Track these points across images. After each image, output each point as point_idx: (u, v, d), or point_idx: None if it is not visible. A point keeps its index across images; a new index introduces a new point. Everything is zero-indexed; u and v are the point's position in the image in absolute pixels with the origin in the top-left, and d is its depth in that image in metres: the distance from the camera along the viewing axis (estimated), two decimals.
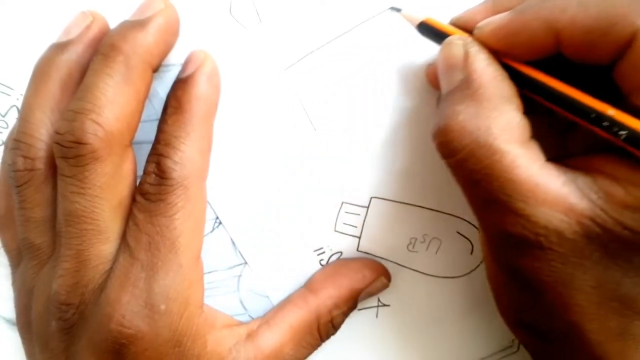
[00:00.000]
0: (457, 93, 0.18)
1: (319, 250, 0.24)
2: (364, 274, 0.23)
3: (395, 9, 0.22)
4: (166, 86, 0.21)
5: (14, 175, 0.20)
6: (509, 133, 0.17)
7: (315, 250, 0.24)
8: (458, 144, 0.18)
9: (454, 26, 0.20)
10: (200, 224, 0.20)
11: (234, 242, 0.24)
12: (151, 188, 0.19)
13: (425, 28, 0.21)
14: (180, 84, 0.20)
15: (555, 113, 0.18)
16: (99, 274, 0.19)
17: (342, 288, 0.23)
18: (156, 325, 0.19)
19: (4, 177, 0.22)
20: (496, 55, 0.19)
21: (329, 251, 0.24)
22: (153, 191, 0.19)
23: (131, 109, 0.19)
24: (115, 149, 0.19)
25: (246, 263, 0.24)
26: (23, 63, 0.22)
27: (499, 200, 0.17)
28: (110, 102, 0.19)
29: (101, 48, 0.20)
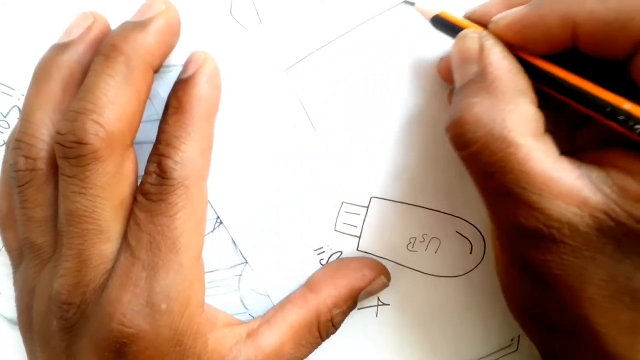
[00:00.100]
0: (472, 85, 0.18)
1: (319, 250, 0.24)
2: (363, 273, 0.23)
3: (409, 2, 0.22)
4: (167, 86, 0.21)
5: (16, 175, 0.20)
6: (524, 126, 0.17)
7: (315, 250, 0.24)
8: (472, 136, 0.18)
9: (469, 20, 0.20)
10: (201, 223, 0.20)
11: (234, 242, 0.24)
12: (152, 188, 0.19)
13: (439, 21, 0.21)
14: (181, 85, 0.20)
15: (564, 108, 0.18)
16: (100, 274, 0.19)
17: (342, 287, 0.23)
18: (157, 324, 0.19)
19: (6, 177, 0.22)
20: (511, 48, 0.19)
21: (329, 251, 0.24)
22: (154, 191, 0.19)
23: (132, 109, 0.19)
24: (117, 149, 0.19)
25: (247, 262, 0.24)
26: (24, 63, 0.22)
27: (513, 192, 0.17)
28: (112, 103, 0.19)
29: (102, 49, 0.20)
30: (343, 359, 0.25)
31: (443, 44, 0.22)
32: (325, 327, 0.23)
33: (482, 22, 0.20)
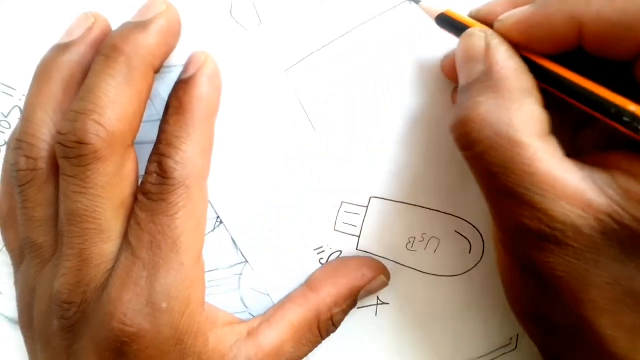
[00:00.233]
0: (478, 85, 0.18)
1: (318, 250, 0.24)
2: (363, 272, 0.23)
3: (414, 0, 0.22)
4: (168, 87, 0.21)
5: (17, 175, 0.20)
6: (530, 126, 0.17)
7: (315, 250, 0.24)
8: (478, 135, 0.17)
9: (474, 19, 0.20)
10: (202, 223, 0.20)
11: (234, 241, 0.24)
12: (153, 188, 0.19)
13: (444, 20, 0.20)
14: (182, 85, 0.20)
15: (568, 109, 0.18)
16: (101, 273, 0.19)
17: (342, 286, 0.23)
18: (158, 323, 0.19)
19: (7, 177, 0.22)
20: (516, 48, 0.19)
21: (328, 250, 0.24)
22: (155, 191, 0.19)
23: (133, 109, 0.19)
24: (117, 149, 0.19)
25: (247, 262, 0.24)
26: (25, 64, 0.22)
27: (517, 193, 0.17)
28: (112, 103, 0.19)
29: (103, 49, 0.20)
30: (343, 358, 0.25)
31: (443, 44, 0.22)
32: (325, 326, 0.23)
33: (488, 22, 0.20)
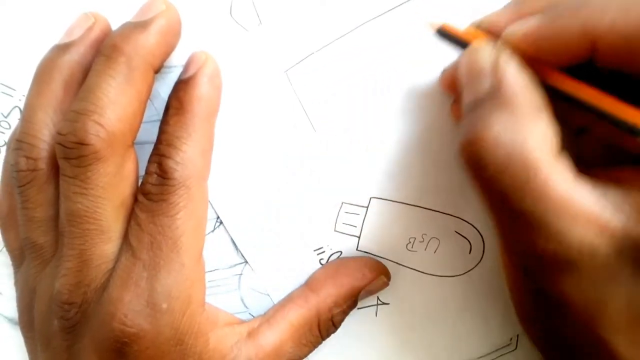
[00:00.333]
0: (487, 102, 0.17)
1: (318, 250, 0.24)
2: (364, 272, 0.23)
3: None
4: (168, 87, 0.21)
5: (17, 175, 0.20)
6: (544, 145, 0.16)
7: (315, 250, 0.24)
8: (490, 157, 0.16)
9: (477, 30, 0.19)
10: (202, 223, 0.20)
11: (234, 242, 0.24)
12: (153, 188, 0.19)
13: (444, 34, 0.20)
14: (182, 85, 0.20)
15: (569, 111, 0.18)
16: (101, 273, 0.19)
17: (343, 286, 0.23)
18: (158, 323, 0.19)
19: (7, 178, 0.22)
20: (526, 60, 0.18)
21: (328, 251, 0.24)
22: (155, 191, 0.19)
23: (133, 109, 0.19)
24: (118, 150, 0.19)
25: (247, 262, 0.24)
26: (25, 64, 0.22)
27: (532, 216, 0.16)
28: (112, 103, 0.19)
29: (103, 49, 0.20)
30: (343, 358, 0.25)
31: (443, 44, 0.22)
32: (325, 326, 0.23)
33: (492, 33, 0.19)
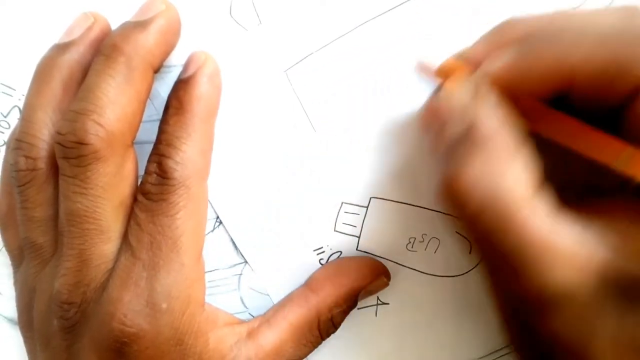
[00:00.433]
0: (463, 145, 0.17)
1: (318, 250, 0.24)
2: (364, 272, 0.23)
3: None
4: (167, 87, 0.21)
5: (16, 175, 0.20)
6: (522, 185, 0.16)
7: (315, 250, 0.24)
8: (468, 200, 0.16)
9: (457, 61, 0.19)
10: (202, 223, 0.20)
11: (234, 242, 0.24)
12: (153, 188, 0.19)
13: (422, 69, 0.20)
14: (182, 85, 0.20)
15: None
16: (100, 273, 0.19)
17: (342, 287, 0.23)
18: (158, 323, 0.19)
19: (6, 177, 0.22)
20: (503, 94, 0.17)
21: (328, 251, 0.24)
22: (155, 191, 0.19)
23: (132, 109, 0.19)
24: (117, 149, 0.19)
25: (246, 262, 0.24)
26: (25, 64, 0.22)
27: (513, 258, 0.16)
28: (112, 103, 0.19)
29: (103, 49, 0.20)
30: (343, 358, 0.25)
31: (443, 44, 0.22)
32: (325, 327, 0.23)
33: (470, 66, 0.19)
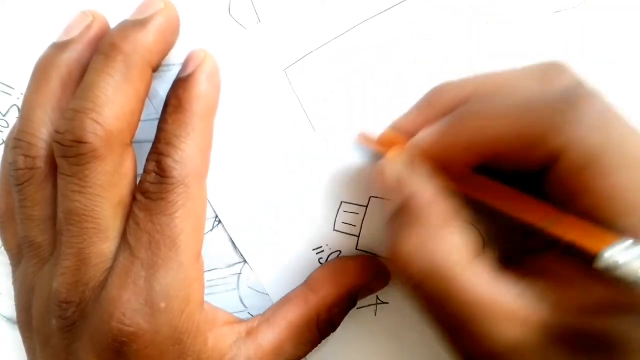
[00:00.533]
0: (399, 218, 0.18)
1: (318, 249, 0.24)
2: (363, 272, 0.23)
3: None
4: (166, 86, 0.21)
5: (15, 174, 0.20)
6: (457, 254, 0.17)
7: (314, 249, 0.24)
8: (409, 271, 0.17)
9: (394, 133, 0.21)
10: (201, 222, 0.20)
11: (233, 241, 0.24)
12: (152, 187, 0.19)
13: (363, 140, 0.21)
14: (181, 83, 0.20)
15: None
16: (99, 272, 0.19)
17: (342, 286, 0.23)
18: (157, 323, 0.19)
19: (5, 176, 0.22)
20: (437, 164, 0.19)
21: (328, 250, 0.24)
22: (154, 190, 0.19)
23: (131, 108, 0.19)
24: (116, 148, 0.19)
25: (246, 262, 0.24)
26: (24, 63, 0.22)
27: (457, 322, 0.17)
28: (111, 102, 0.19)
29: (101, 47, 0.20)
30: (342, 358, 0.25)
31: (442, 43, 0.22)
32: (324, 326, 0.23)
33: (405, 136, 0.20)
